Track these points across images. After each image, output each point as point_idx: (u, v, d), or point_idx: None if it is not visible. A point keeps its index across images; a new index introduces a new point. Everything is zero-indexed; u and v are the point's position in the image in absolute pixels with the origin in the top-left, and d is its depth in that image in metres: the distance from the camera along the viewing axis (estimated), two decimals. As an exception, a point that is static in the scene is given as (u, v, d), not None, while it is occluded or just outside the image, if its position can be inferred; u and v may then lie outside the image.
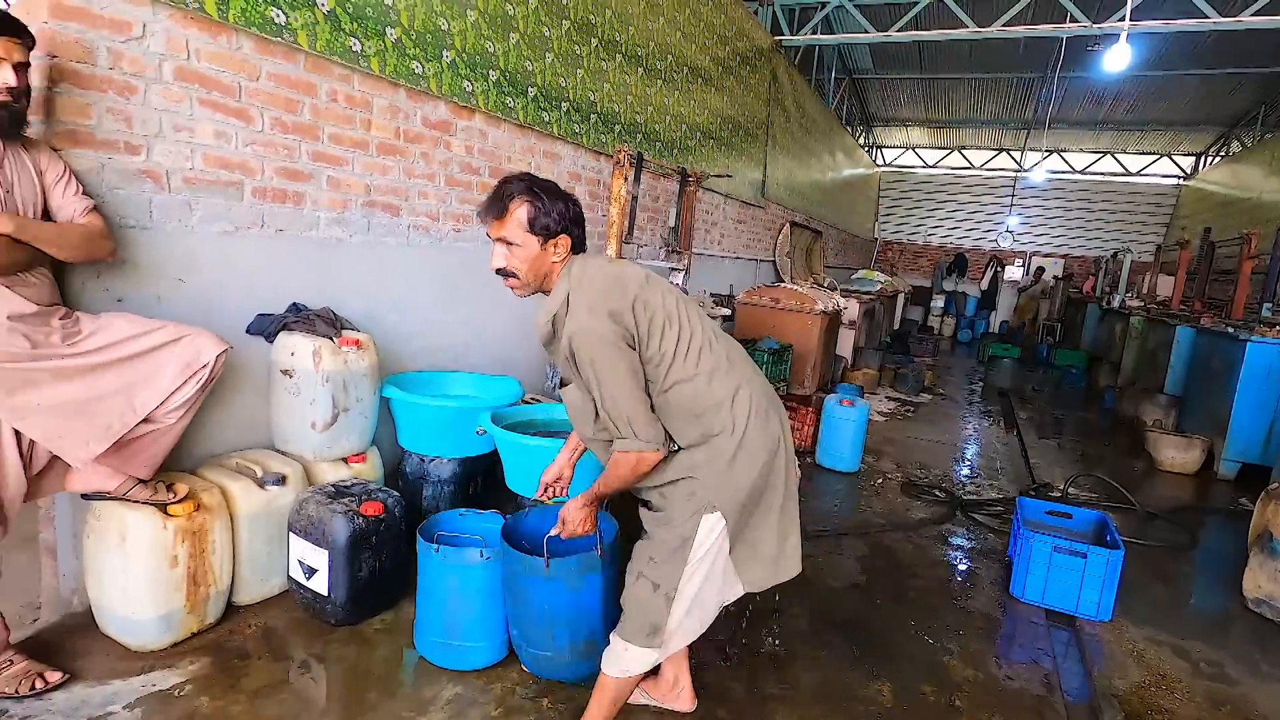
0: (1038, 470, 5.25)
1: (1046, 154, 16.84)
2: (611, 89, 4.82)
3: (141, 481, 2.15)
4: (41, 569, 2.35)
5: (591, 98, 4.60)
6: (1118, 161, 16.97)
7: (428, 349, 3.53)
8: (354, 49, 2.88)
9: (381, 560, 2.46)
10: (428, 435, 2.96)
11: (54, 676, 1.99)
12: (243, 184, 2.58)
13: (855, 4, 8.36)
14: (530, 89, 3.99)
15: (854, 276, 11.38)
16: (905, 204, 18.98)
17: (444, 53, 3.34)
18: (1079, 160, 17.20)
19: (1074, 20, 7.15)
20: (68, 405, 1.92)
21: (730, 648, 2.51)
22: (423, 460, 3.01)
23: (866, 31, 8.17)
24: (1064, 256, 17.02)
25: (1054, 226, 17.40)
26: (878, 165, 18.57)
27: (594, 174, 4.84)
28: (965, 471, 5.19)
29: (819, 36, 8.45)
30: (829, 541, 3.60)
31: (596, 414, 1.72)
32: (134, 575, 2.11)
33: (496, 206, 1.69)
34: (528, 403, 3.34)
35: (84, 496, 2.16)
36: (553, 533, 1.92)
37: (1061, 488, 4.70)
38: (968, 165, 18.19)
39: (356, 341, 2.70)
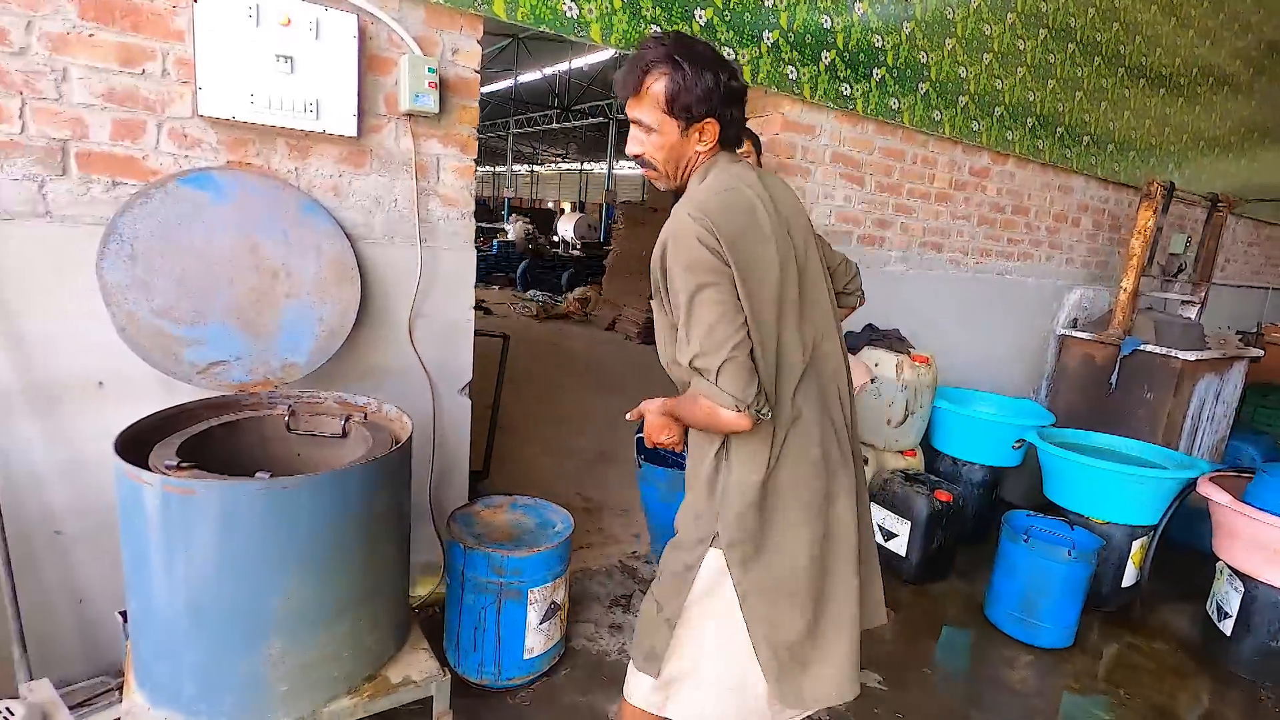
0: None
1: None
2: (1131, 116, 4.69)
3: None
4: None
5: (1110, 128, 4.56)
6: None
7: (945, 365, 4.03)
8: (935, 119, 3.51)
9: (946, 538, 3.03)
10: (967, 442, 3.46)
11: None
12: (852, 233, 3.41)
13: None
14: (1059, 129, 4.19)
15: None
16: None
17: (995, 109, 3.79)
18: None
19: None
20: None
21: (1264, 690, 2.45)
22: (955, 463, 3.52)
23: None
24: None
25: None
26: None
27: (1100, 203, 4.78)
28: None
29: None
30: None
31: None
32: (785, 510, 3.05)
33: (631, 79, 1.31)
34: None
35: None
36: (649, 444, 1.46)
37: None
38: None
39: (926, 359, 3.33)
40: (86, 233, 1.75)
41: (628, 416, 1.45)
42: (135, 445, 1.53)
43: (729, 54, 2.75)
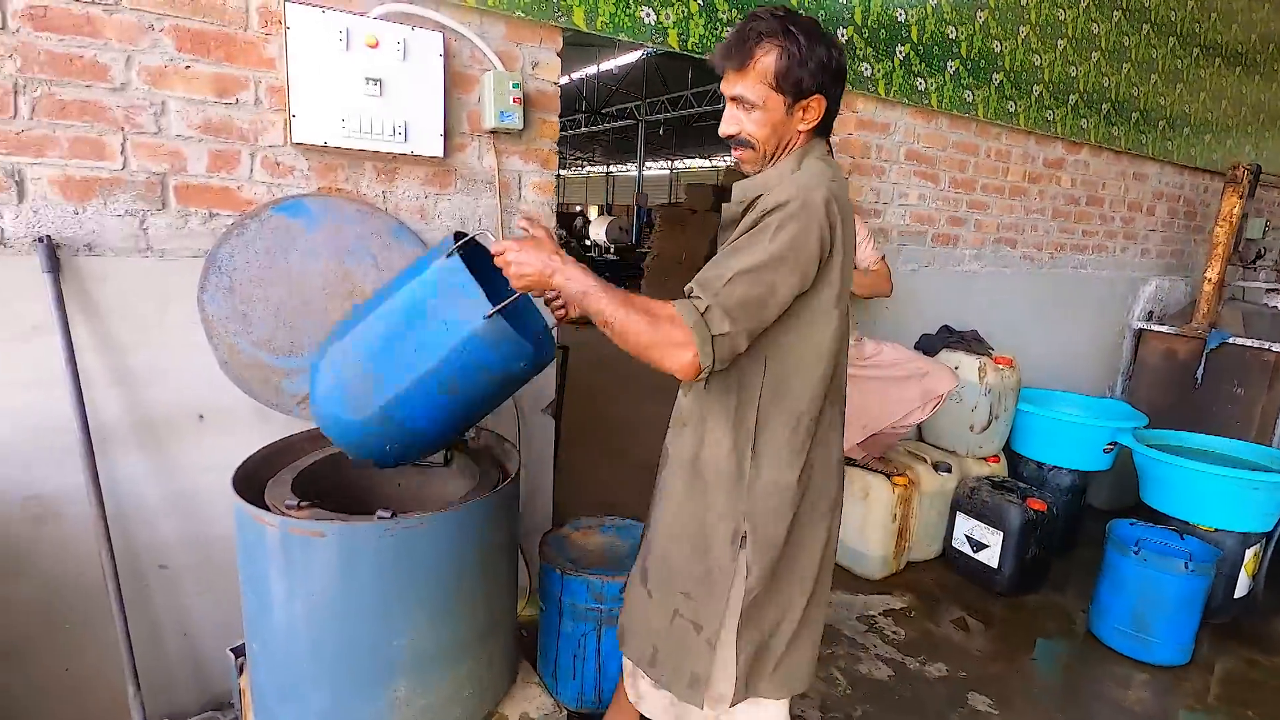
0: None
1: None
2: (1207, 97, 4.47)
3: (876, 458, 2.97)
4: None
5: (1186, 110, 4.36)
6: None
7: (1020, 365, 3.88)
8: (1010, 110, 3.37)
9: (1041, 548, 2.90)
10: (1054, 446, 3.31)
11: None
12: (926, 232, 3.29)
13: None
14: (1134, 114, 4.01)
15: None
16: None
17: (1070, 97, 3.63)
18: None
19: None
20: (849, 405, 2.79)
21: None
22: (1041, 468, 3.38)
23: None
24: None
25: None
26: None
27: (1175, 189, 4.57)
28: None
29: None
30: None
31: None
32: (870, 521, 2.94)
33: (739, 51, 1.20)
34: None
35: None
36: (495, 250, 1.21)
37: None
38: None
39: (1009, 361, 3.19)
40: (185, 265, 1.74)
41: (518, 223, 1.26)
42: (245, 480, 1.50)
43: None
